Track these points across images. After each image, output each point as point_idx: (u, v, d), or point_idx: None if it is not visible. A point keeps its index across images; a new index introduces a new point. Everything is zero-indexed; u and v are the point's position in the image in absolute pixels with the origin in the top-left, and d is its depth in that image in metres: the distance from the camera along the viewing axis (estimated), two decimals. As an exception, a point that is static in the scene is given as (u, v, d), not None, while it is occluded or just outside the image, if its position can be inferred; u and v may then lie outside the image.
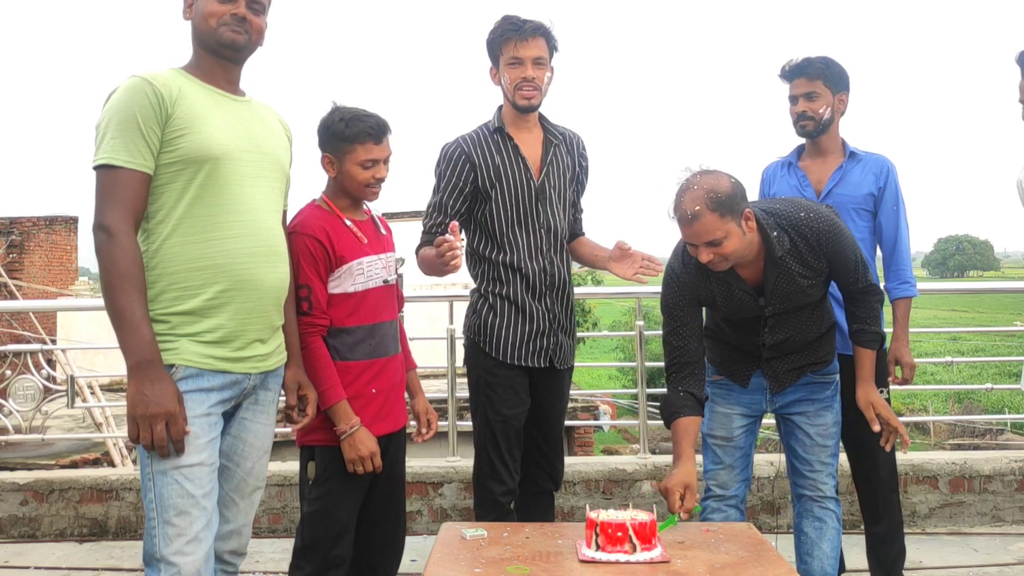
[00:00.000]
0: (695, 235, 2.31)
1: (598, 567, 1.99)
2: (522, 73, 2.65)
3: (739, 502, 2.65)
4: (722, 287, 2.49)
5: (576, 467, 4.09)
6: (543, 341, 2.75)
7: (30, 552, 3.86)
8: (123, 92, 1.92)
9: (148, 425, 1.84)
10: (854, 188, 2.88)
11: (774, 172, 3.07)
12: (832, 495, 2.61)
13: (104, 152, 1.89)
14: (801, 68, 2.88)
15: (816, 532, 2.60)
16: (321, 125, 2.44)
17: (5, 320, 13.07)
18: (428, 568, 2.02)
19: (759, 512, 4.01)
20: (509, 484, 2.74)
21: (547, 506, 2.93)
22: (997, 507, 4.03)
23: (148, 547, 1.91)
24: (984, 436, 16.92)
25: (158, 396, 1.84)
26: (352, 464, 2.36)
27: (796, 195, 2.89)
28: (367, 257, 2.43)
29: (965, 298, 50.21)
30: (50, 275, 16.18)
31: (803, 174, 2.95)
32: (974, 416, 18.28)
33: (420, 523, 4.03)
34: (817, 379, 2.63)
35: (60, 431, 7.83)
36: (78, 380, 4.82)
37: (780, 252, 2.42)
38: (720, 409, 2.66)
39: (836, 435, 2.64)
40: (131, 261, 1.87)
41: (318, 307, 2.35)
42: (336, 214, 2.42)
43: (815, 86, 2.86)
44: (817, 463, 2.61)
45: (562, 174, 2.80)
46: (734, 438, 2.64)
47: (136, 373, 1.85)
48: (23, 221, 16.26)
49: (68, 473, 4.30)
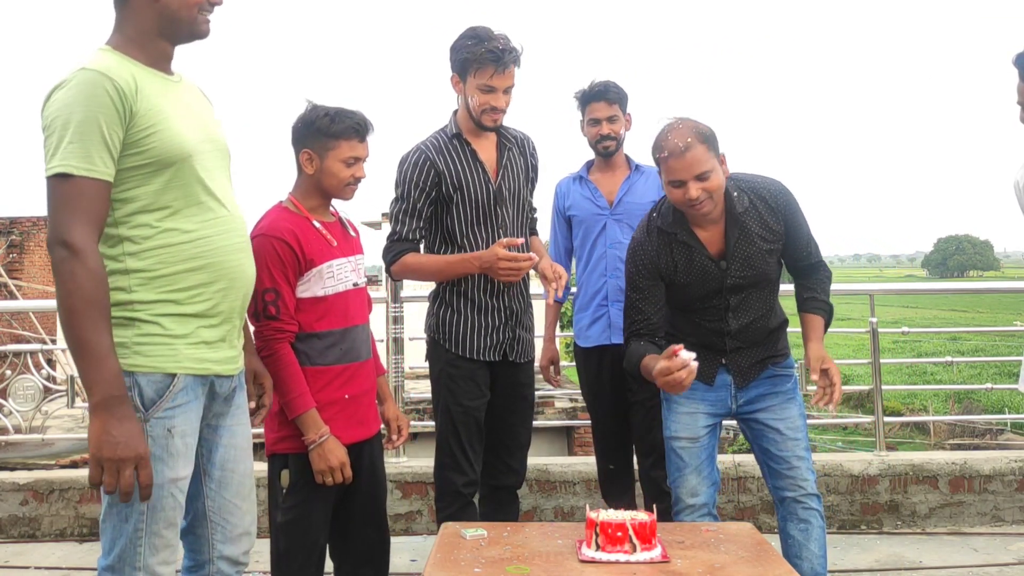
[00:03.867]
0: (686, 167, 2.37)
1: (598, 567, 1.99)
2: (494, 101, 2.72)
3: (711, 507, 2.61)
4: (684, 254, 2.53)
5: (576, 467, 4.09)
6: (498, 335, 2.81)
7: (30, 552, 3.86)
8: (78, 89, 1.72)
9: (115, 469, 1.66)
10: (640, 196, 3.21)
11: (568, 186, 3.37)
12: (814, 491, 2.61)
13: (62, 159, 1.69)
14: (601, 93, 3.21)
15: (802, 534, 2.59)
16: (300, 122, 2.39)
17: (5, 320, 13.07)
18: (428, 568, 2.02)
19: (759, 512, 4.01)
20: (470, 475, 2.78)
21: (508, 502, 2.94)
22: (997, 507, 4.03)
23: (124, 557, 1.80)
24: (984, 436, 16.92)
25: (127, 437, 1.67)
26: (321, 475, 2.31)
27: (591, 206, 3.27)
28: (337, 260, 2.39)
29: (965, 298, 50.21)
30: (50, 275, 16.14)
31: (595, 186, 3.29)
32: (974, 416, 18.26)
33: (420, 523, 4.02)
34: (779, 371, 2.66)
35: (60, 431, 7.80)
36: (78, 380, 4.81)
37: (740, 209, 2.50)
38: (684, 410, 2.64)
39: (804, 428, 2.65)
40: (96, 284, 1.69)
41: (286, 312, 2.30)
42: (304, 215, 2.38)
43: (614, 110, 3.21)
44: (794, 458, 2.60)
45: (516, 176, 2.88)
46: (699, 438, 2.62)
47: (101, 411, 1.66)
48: (23, 221, 16.26)
49: (68, 473, 4.30)
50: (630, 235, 3.00)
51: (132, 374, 1.77)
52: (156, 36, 1.88)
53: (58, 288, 1.69)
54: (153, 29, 1.87)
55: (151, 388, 1.79)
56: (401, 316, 4.07)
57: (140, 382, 1.78)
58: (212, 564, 2.02)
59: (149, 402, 1.79)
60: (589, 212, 3.28)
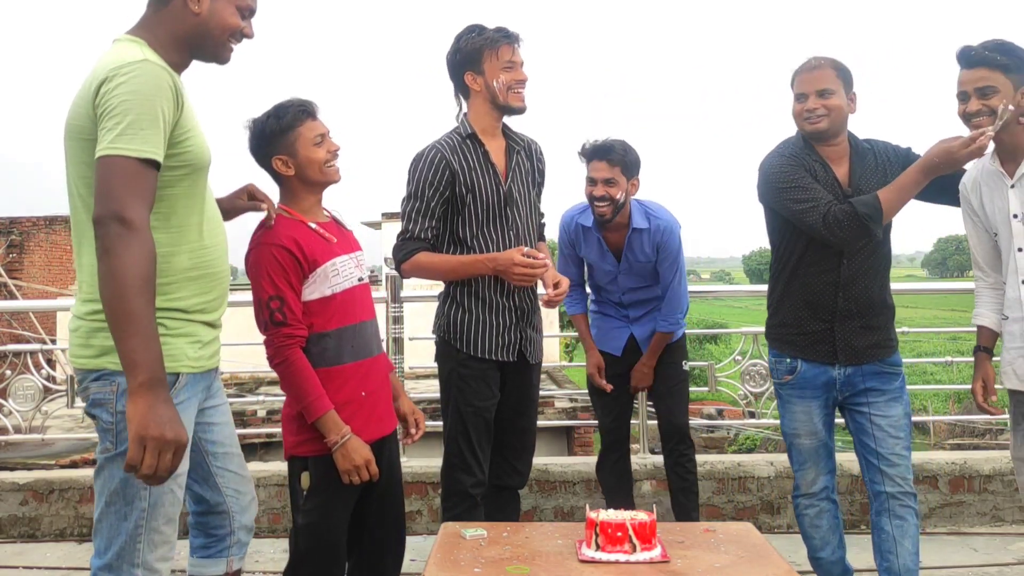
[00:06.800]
0: (811, 80, 2.59)
1: (598, 567, 1.99)
2: (518, 76, 2.76)
3: (831, 492, 2.77)
4: (820, 170, 2.63)
5: (576, 467, 4.09)
6: (511, 335, 2.82)
7: (30, 552, 3.86)
8: (144, 79, 1.76)
9: (158, 450, 1.65)
10: (645, 256, 3.34)
11: (577, 230, 3.42)
12: (911, 490, 2.66)
13: (139, 142, 1.72)
14: (602, 152, 3.20)
15: (898, 530, 2.64)
16: (254, 139, 2.37)
17: (5, 320, 13.07)
18: (428, 568, 2.02)
19: (759, 512, 4.02)
20: (479, 476, 2.78)
21: (510, 501, 2.95)
22: (997, 507, 4.03)
23: (123, 554, 1.82)
24: (984, 436, 16.90)
25: (173, 420, 1.68)
26: (347, 475, 2.30)
27: (600, 261, 3.39)
28: (339, 257, 2.38)
29: (965, 298, 49.85)
30: (50, 275, 16.19)
31: (604, 243, 3.37)
32: (974, 416, 18.22)
33: (420, 523, 4.03)
34: (885, 368, 2.69)
35: (60, 431, 7.80)
36: (78, 381, 4.81)
37: (862, 145, 2.66)
38: (798, 408, 2.75)
39: (907, 428, 2.69)
40: (152, 263, 1.70)
41: (293, 317, 2.29)
42: (299, 219, 2.37)
43: (614, 172, 3.19)
44: (894, 456, 2.65)
45: (524, 179, 2.90)
46: (817, 432, 2.74)
47: (147, 391, 1.65)
48: (23, 221, 16.28)
49: (68, 473, 4.30)
50: (642, 282, 3.38)
51: None
52: (184, 45, 1.93)
53: (110, 263, 1.66)
54: (183, 38, 1.92)
55: None
56: (401, 316, 4.07)
57: None
58: (233, 535, 2.14)
59: None
60: (600, 267, 3.44)
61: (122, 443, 1.78)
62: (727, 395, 4.22)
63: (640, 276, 3.42)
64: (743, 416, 5.13)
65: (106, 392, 1.83)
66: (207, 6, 1.91)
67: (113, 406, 1.82)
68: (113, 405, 1.82)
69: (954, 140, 2.40)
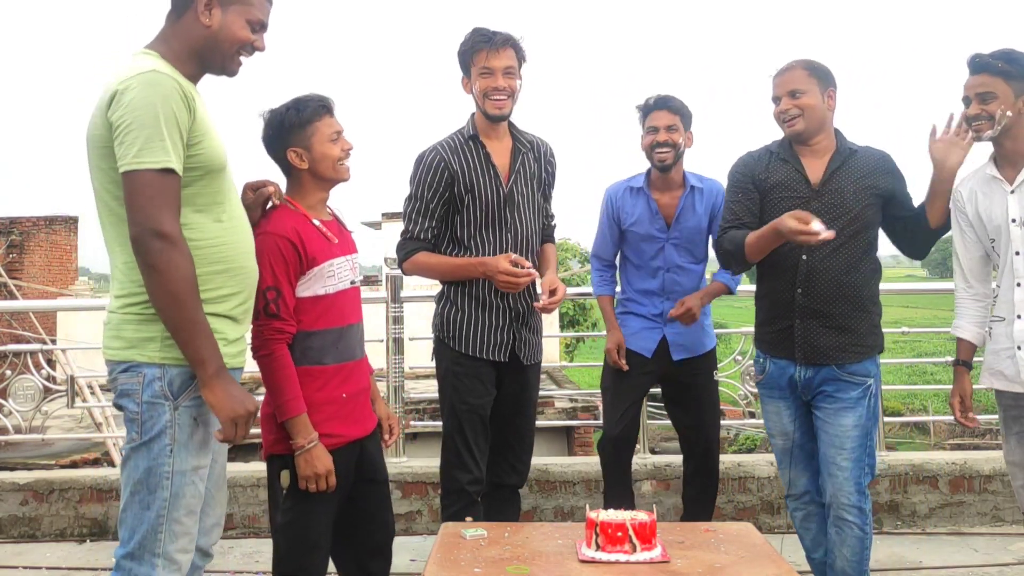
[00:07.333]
0: (781, 83, 2.64)
1: (598, 567, 2.00)
2: (493, 83, 2.74)
3: (814, 495, 2.74)
4: (780, 168, 2.69)
5: (576, 467, 4.09)
6: (504, 335, 2.84)
7: (30, 552, 3.86)
8: (155, 89, 1.83)
9: (243, 422, 1.88)
10: (698, 220, 3.24)
11: (622, 196, 3.31)
12: (852, 502, 2.59)
13: (159, 153, 1.81)
14: (663, 102, 3.19)
15: (836, 536, 2.64)
16: (270, 128, 2.38)
17: (5, 320, 13.07)
18: (428, 568, 2.02)
19: (759, 512, 4.02)
20: (476, 473, 2.79)
21: (510, 500, 2.95)
22: (997, 507, 4.03)
23: (144, 544, 1.87)
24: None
25: (245, 396, 1.89)
26: (305, 480, 2.27)
27: (648, 225, 3.25)
28: (337, 259, 2.38)
29: (965, 298, 50.01)
30: (50, 275, 16.18)
31: (655, 202, 3.25)
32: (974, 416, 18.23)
33: (420, 523, 4.02)
34: (842, 375, 2.64)
35: (60, 431, 7.82)
36: (78, 380, 4.80)
37: (847, 146, 2.68)
38: (769, 407, 2.80)
39: (857, 439, 2.61)
40: (192, 267, 1.86)
41: (286, 311, 2.28)
42: (303, 214, 2.36)
43: (674, 120, 3.17)
44: (833, 466, 2.61)
45: (529, 181, 2.90)
46: (788, 432, 2.75)
47: (217, 379, 1.85)
48: (23, 221, 16.26)
49: (68, 473, 4.30)
50: (687, 259, 3.25)
51: (163, 366, 1.88)
52: (196, 57, 1.99)
53: (159, 279, 1.81)
54: (195, 50, 1.98)
55: (180, 379, 1.89)
56: (401, 316, 4.07)
57: (171, 373, 1.88)
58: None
59: (178, 391, 1.89)
60: (647, 231, 3.26)
61: (147, 433, 1.86)
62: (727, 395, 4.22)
63: (687, 249, 3.26)
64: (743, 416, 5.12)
65: (133, 383, 1.89)
66: (218, 19, 1.97)
67: (139, 397, 1.88)
68: (139, 396, 1.88)
69: (800, 222, 2.41)
